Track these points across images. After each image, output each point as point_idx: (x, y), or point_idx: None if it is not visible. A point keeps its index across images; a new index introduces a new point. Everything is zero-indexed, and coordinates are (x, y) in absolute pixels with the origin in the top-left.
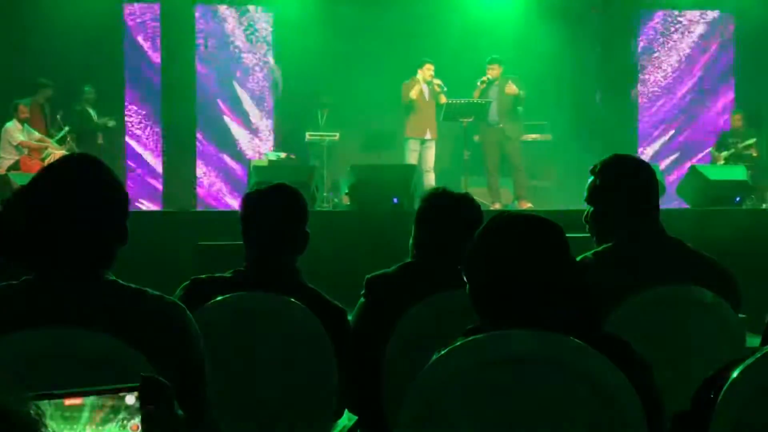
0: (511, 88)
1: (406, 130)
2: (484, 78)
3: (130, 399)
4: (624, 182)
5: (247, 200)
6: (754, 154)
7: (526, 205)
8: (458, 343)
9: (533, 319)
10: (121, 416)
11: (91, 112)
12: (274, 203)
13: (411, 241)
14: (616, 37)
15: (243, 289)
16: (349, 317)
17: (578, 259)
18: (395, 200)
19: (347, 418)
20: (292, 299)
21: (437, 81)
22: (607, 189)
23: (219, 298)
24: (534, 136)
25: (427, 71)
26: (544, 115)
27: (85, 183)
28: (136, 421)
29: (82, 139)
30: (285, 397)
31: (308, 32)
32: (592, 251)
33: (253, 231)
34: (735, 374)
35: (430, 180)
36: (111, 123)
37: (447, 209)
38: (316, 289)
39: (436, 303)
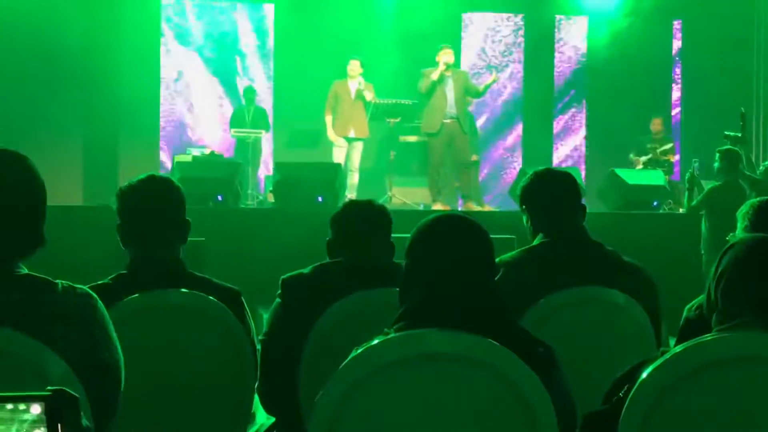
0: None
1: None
2: (448, 61)
3: (36, 408)
4: (543, 187)
5: (122, 196)
6: (672, 160)
7: (478, 207)
8: (374, 342)
9: (452, 318)
10: (23, 424)
11: None
12: (151, 194)
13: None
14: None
15: (132, 293)
16: (265, 315)
17: (500, 259)
18: (320, 199)
19: (265, 418)
20: (198, 293)
21: (361, 79)
22: (528, 192)
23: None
24: None
25: (353, 68)
26: None
27: None
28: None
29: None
30: (199, 398)
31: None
32: (514, 252)
33: (134, 227)
34: (644, 374)
35: (354, 180)
36: None
37: (360, 215)
38: (205, 276)
39: (352, 303)
